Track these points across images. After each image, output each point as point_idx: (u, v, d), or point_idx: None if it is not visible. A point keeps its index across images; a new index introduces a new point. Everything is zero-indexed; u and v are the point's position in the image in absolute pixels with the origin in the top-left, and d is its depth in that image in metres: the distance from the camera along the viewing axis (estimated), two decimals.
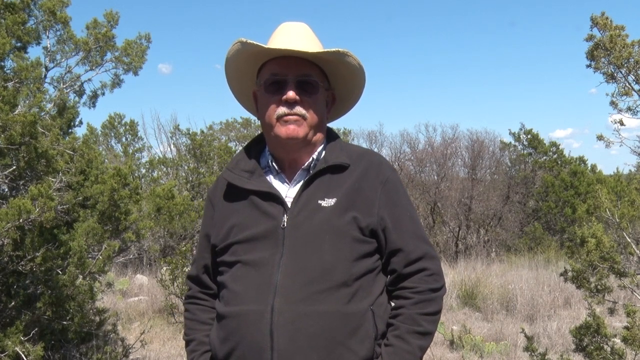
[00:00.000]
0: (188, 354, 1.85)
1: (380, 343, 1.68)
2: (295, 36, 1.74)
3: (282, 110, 1.71)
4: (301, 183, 1.74)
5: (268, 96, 1.75)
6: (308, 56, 1.72)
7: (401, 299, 1.71)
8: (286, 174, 1.79)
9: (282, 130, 1.72)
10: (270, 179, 1.79)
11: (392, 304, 1.75)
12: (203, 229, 1.90)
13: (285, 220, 1.68)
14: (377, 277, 1.73)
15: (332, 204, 1.69)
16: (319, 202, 1.69)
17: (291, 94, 1.70)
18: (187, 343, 1.86)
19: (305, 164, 1.77)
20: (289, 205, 1.71)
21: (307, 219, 1.68)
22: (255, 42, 1.71)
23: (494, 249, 15.82)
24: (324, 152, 1.79)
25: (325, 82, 1.81)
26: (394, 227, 1.72)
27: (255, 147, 1.87)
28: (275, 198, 1.72)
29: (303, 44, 1.72)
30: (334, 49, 1.72)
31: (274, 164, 1.80)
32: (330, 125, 1.91)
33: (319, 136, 1.79)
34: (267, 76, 1.75)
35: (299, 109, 1.71)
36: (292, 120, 1.71)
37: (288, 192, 1.75)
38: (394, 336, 1.66)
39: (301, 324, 1.59)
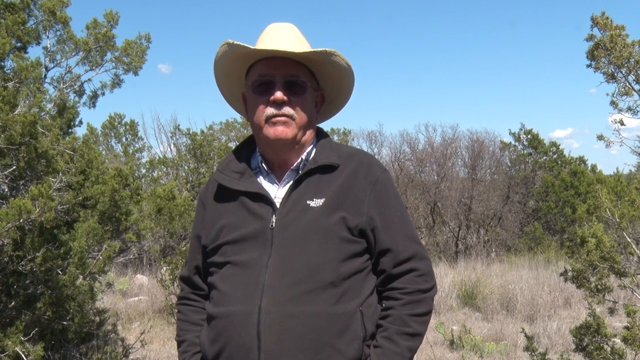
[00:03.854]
0: (179, 355, 1.86)
1: (369, 344, 1.66)
2: (282, 37, 1.73)
3: (270, 111, 1.71)
4: (290, 183, 1.73)
5: (256, 97, 1.74)
6: (295, 56, 1.72)
7: (390, 299, 1.69)
8: (276, 175, 1.79)
9: (270, 131, 1.71)
10: (260, 179, 1.79)
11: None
12: (194, 230, 1.90)
13: (274, 220, 1.68)
14: (367, 277, 1.71)
15: (321, 204, 1.68)
16: (308, 202, 1.69)
17: (279, 94, 1.69)
18: (179, 344, 1.88)
19: (294, 165, 1.77)
20: (278, 205, 1.70)
21: (295, 220, 1.67)
22: (242, 44, 1.71)
23: (494, 249, 15.81)
24: (313, 152, 1.78)
25: (314, 82, 1.80)
26: (383, 227, 1.70)
27: (246, 148, 1.86)
28: (264, 199, 1.72)
29: (290, 44, 1.71)
30: (320, 49, 1.71)
31: (263, 164, 1.79)
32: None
33: (309, 136, 1.79)
34: (255, 77, 1.74)
35: (287, 110, 1.71)
36: (281, 122, 1.70)
37: (277, 192, 1.75)
38: (383, 337, 1.65)
39: (288, 324, 1.59)
